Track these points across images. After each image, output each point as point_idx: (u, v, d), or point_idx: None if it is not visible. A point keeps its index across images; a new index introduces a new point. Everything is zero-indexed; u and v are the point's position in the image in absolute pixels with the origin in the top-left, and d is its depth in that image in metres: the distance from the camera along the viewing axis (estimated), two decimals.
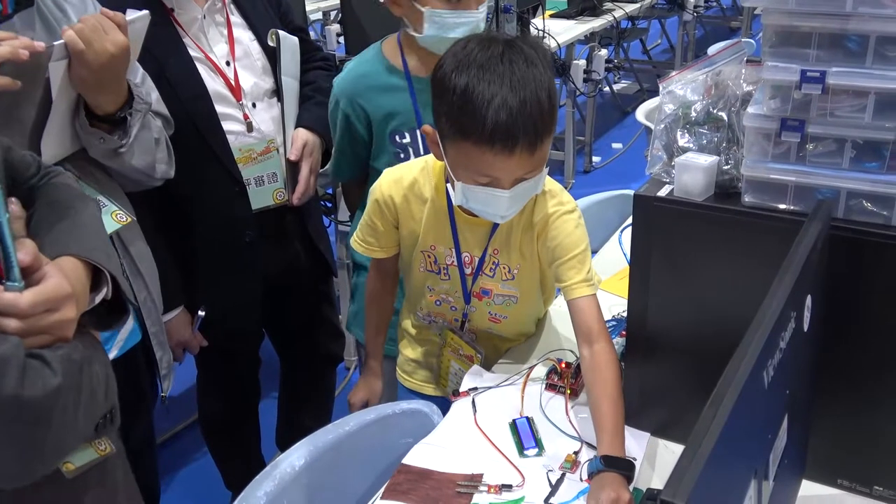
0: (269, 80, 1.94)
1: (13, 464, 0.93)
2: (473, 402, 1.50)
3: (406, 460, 1.37)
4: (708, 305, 1.27)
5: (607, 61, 4.47)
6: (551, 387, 1.53)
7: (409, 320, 1.74)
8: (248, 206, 1.93)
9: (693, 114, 1.29)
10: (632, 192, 1.28)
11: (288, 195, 1.97)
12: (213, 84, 1.84)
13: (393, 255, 1.65)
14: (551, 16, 4.61)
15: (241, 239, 1.95)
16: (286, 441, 1.34)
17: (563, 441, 1.40)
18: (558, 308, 1.81)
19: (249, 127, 1.89)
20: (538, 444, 1.39)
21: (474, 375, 1.57)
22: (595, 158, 5.27)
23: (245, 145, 1.89)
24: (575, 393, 1.51)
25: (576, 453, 1.36)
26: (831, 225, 1.13)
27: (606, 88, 6.02)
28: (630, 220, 1.31)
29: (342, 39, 3.50)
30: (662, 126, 1.32)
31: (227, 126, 1.86)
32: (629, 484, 1.25)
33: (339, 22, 3.79)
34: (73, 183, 1.23)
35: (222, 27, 1.87)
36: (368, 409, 1.48)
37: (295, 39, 1.96)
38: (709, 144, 1.26)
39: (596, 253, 2.07)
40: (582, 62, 4.34)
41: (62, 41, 1.38)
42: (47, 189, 1.16)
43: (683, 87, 1.32)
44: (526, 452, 1.38)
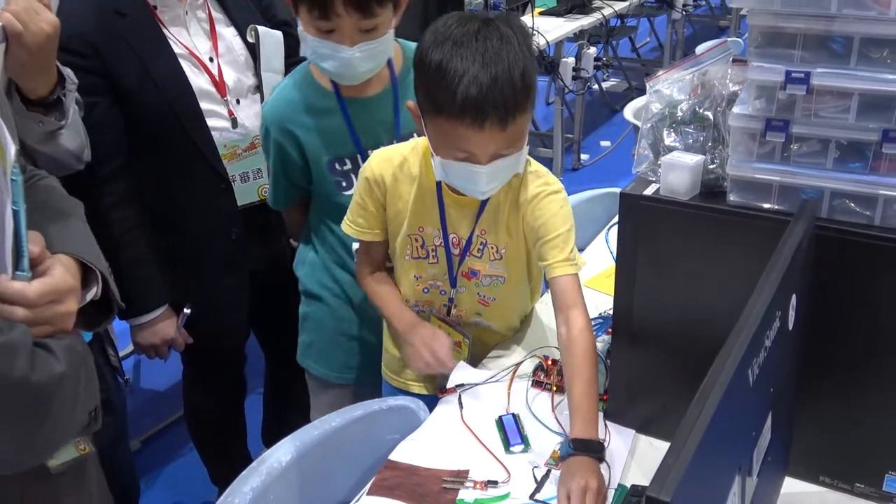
0: (251, 76, 1.94)
1: (12, 449, 0.96)
2: (460, 398, 1.50)
3: (392, 456, 1.37)
4: (693, 303, 1.28)
5: (596, 59, 4.49)
6: (537, 384, 1.54)
7: None
8: (234, 202, 1.93)
9: (679, 113, 1.30)
10: (619, 191, 1.29)
11: None
12: (197, 80, 1.83)
13: (382, 242, 1.64)
14: (540, 13, 4.62)
15: (228, 235, 1.94)
16: (272, 437, 1.35)
17: (548, 437, 1.41)
18: (545, 306, 1.82)
19: (234, 123, 1.88)
20: (524, 440, 1.40)
21: (461, 373, 1.58)
22: (583, 156, 5.29)
23: (230, 141, 1.89)
24: (561, 390, 1.51)
25: (565, 442, 1.36)
26: (816, 224, 1.14)
27: (595, 86, 6.03)
28: (617, 219, 1.32)
29: None
30: (649, 125, 1.33)
31: (211, 122, 1.86)
32: (600, 464, 1.27)
33: None
34: (59, 185, 1.25)
35: (204, 23, 1.87)
36: (355, 405, 1.48)
37: (278, 34, 1.95)
38: (695, 144, 1.27)
39: (583, 251, 2.08)
40: (571, 60, 4.35)
41: (0, 24, 1.36)
42: (35, 191, 1.18)
43: (670, 87, 1.33)
44: (512, 449, 1.38)
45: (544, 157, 4.93)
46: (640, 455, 1.38)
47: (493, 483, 1.31)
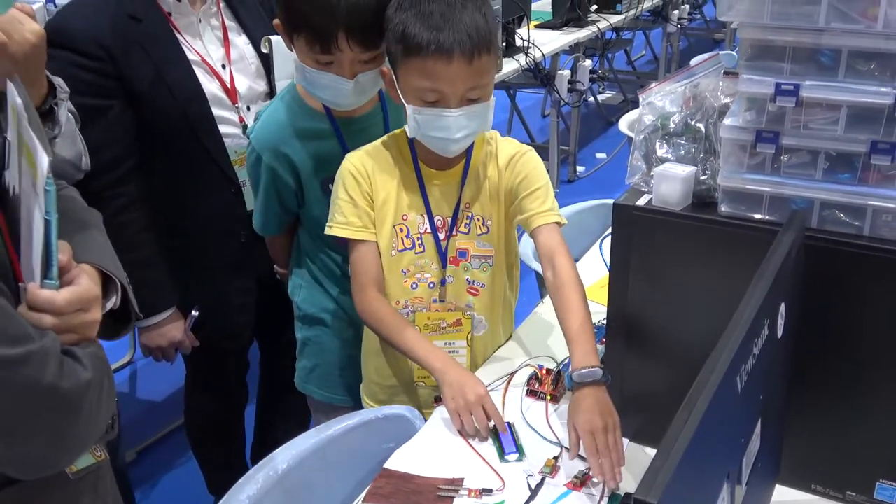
0: (262, 84, 1.96)
1: (43, 452, 0.98)
2: None
3: (388, 465, 1.38)
4: (686, 312, 1.29)
5: (592, 72, 4.51)
6: (532, 393, 1.55)
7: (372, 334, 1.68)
8: (244, 206, 1.94)
9: (672, 125, 1.31)
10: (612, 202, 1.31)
11: None
12: (209, 87, 1.85)
13: (376, 243, 1.59)
14: (536, 26, 4.64)
15: (237, 239, 1.96)
16: (261, 454, 1.36)
17: (543, 446, 1.42)
18: (541, 315, 1.83)
19: (245, 129, 1.90)
20: (519, 449, 1.41)
21: None
22: (579, 168, 5.30)
23: (241, 147, 1.90)
24: (555, 399, 1.52)
25: (556, 458, 1.37)
26: (806, 235, 1.15)
27: (591, 99, 6.06)
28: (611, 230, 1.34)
29: None
30: (642, 136, 1.34)
31: (223, 129, 1.88)
32: (606, 385, 1.35)
33: None
34: (78, 196, 1.27)
35: (218, 31, 1.90)
36: (350, 414, 1.49)
37: None
38: (687, 155, 1.29)
39: (577, 261, 2.09)
40: (566, 72, 4.37)
41: None
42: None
43: (663, 99, 1.35)
44: (506, 457, 1.39)
45: None
46: (634, 464, 1.38)
47: (488, 491, 1.31)
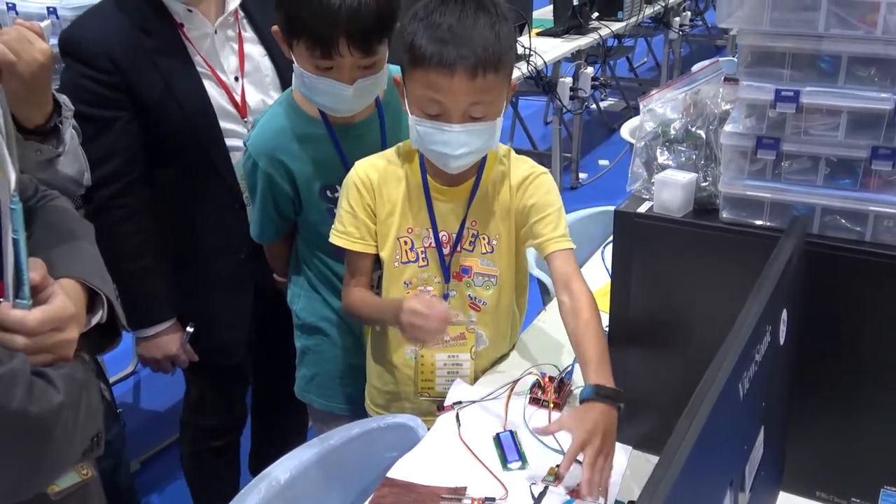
0: (277, 96, 1.92)
1: (14, 477, 0.95)
2: (458, 416, 1.51)
3: (391, 474, 1.38)
4: (687, 319, 1.29)
5: (594, 79, 4.51)
6: (535, 401, 1.54)
7: (379, 342, 1.70)
8: (246, 222, 1.91)
9: (672, 132, 1.31)
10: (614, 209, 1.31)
11: None
12: (219, 100, 1.84)
13: (370, 256, 1.61)
14: (538, 34, 4.65)
15: (237, 255, 1.94)
16: (260, 467, 1.35)
17: (546, 455, 1.41)
18: (543, 323, 1.83)
19: None
20: (521, 457, 1.40)
21: (458, 390, 1.58)
22: (582, 175, 5.31)
23: None
24: (558, 407, 1.52)
25: (558, 466, 1.37)
26: (807, 241, 1.15)
27: (593, 106, 6.06)
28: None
29: None
30: (643, 143, 1.34)
31: (230, 142, 1.86)
32: (618, 413, 1.31)
33: None
34: (70, 206, 1.25)
35: (233, 42, 1.87)
36: (352, 423, 1.49)
37: None
38: (687, 162, 1.29)
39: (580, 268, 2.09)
40: (568, 80, 4.38)
41: None
42: (45, 212, 1.18)
43: (663, 106, 1.35)
44: (509, 466, 1.39)
45: None
46: (638, 471, 1.38)
47: (491, 500, 1.31)
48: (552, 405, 1.52)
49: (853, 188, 1.14)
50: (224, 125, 1.85)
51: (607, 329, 1.40)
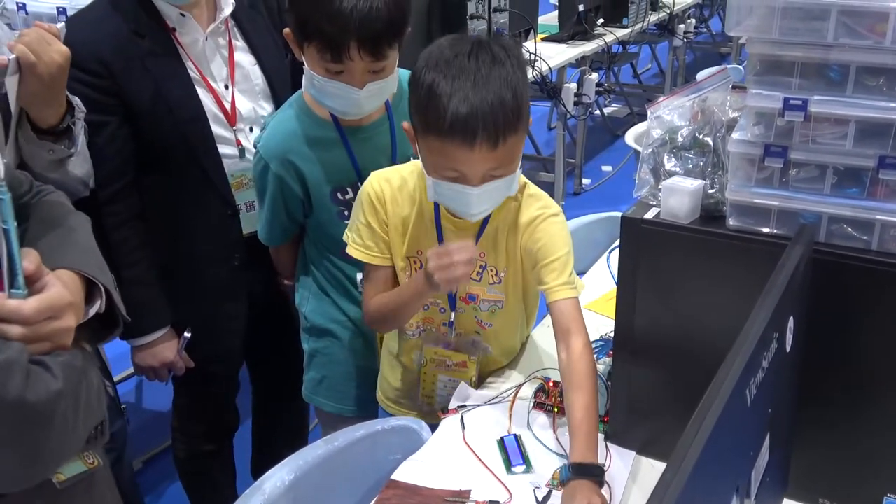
0: (267, 106, 1.92)
1: (15, 466, 0.96)
2: (462, 419, 1.52)
3: (395, 476, 1.38)
4: (693, 326, 1.29)
5: (598, 85, 4.51)
6: (539, 405, 1.55)
7: (392, 340, 1.72)
8: (240, 229, 1.92)
9: (680, 138, 1.32)
10: (620, 215, 1.31)
11: None
12: (209, 106, 1.83)
13: (390, 268, 1.61)
14: (543, 39, 4.66)
15: (230, 262, 1.94)
16: (262, 470, 1.35)
17: (550, 458, 1.42)
18: (548, 328, 1.83)
19: (242, 153, 1.87)
20: (525, 461, 1.41)
21: (463, 393, 1.59)
22: (585, 181, 5.31)
23: (237, 170, 1.88)
24: (562, 411, 1.52)
25: (565, 466, 1.37)
26: (814, 249, 1.16)
27: (597, 112, 6.07)
28: (618, 242, 1.34)
29: None
30: (650, 150, 1.35)
31: (221, 150, 1.85)
32: (601, 488, 1.27)
33: None
34: (65, 200, 1.26)
35: (224, 50, 1.86)
36: (357, 425, 1.49)
37: None
38: (695, 169, 1.29)
39: (584, 274, 2.10)
40: (573, 85, 4.38)
41: (14, 56, 1.37)
42: (40, 206, 1.19)
43: (671, 113, 1.35)
44: (513, 469, 1.39)
45: (546, 182, 4.96)
46: (641, 477, 1.38)
47: (495, 503, 1.31)
48: (556, 409, 1.52)
49: (860, 197, 1.15)
50: (215, 131, 1.83)
51: (612, 335, 1.41)
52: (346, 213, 1.72)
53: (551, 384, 1.57)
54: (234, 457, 2.35)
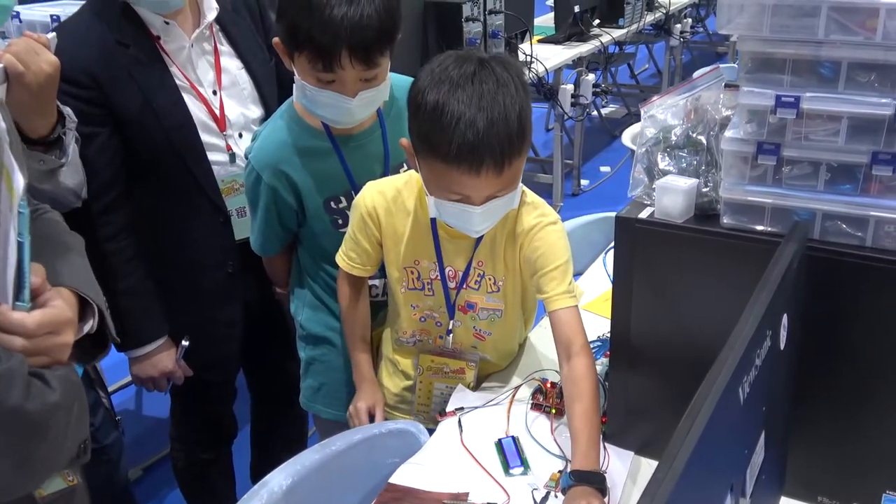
0: (256, 110, 1.91)
1: (8, 476, 0.96)
2: (459, 421, 1.51)
3: (393, 479, 1.38)
4: (690, 324, 1.29)
5: (595, 86, 4.52)
6: (537, 406, 1.54)
7: (389, 345, 1.72)
8: (232, 236, 1.91)
9: (673, 137, 1.32)
10: (615, 215, 1.31)
11: None
12: (198, 114, 1.81)
13: (363, 279, 1.66)
14: (539, 41, 4.67)
15: (224, 269, 1.92)
16: (261, 476, 1.34)
17: (548, 460, 1.41)
18: (545, 329, 1.83)
19: (233, 158, 1.86)
20: (524, 463, 1.40)
21: (460, 395, 1.59)
22: (583, 181, 5.31)
23: (228, 176, 1.87)
24: (560, 413, 1.52)
25: (561, 472, 1.37)
26: (808, 246, 1.15)
27: (594, 112, 6.07)
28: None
29: None
30: (644, 149, 1.34)
31: (211, 156, 1.84)
32: (603, 496, 1.27)
33: None
34: (61, 220, 1.27)
35: (210, 55, 1.85)
36: (355, 428, 1.49)
37: None
38: (688, 167, 1.29)
39: (581, 274, 2.10)
40: (570, 87, 4.38)
41: (2, 65, 1.37)
42: (39, 224, 1.20)
43: (664, 112, 1.35)
44: (511, 471, 1.39)
45: (544, 183, 4.96)
46: (640, 477, 1.38)
47: None
48: (554, 411, 1.52)
49: (854, 193, 1.14)
50: (204, 139, 1.82)
51: (608, 335, 1.41)
52: (339, 222, 1.72)
53: (549, 385, 1.57)
54: (234, 464, 2.35)
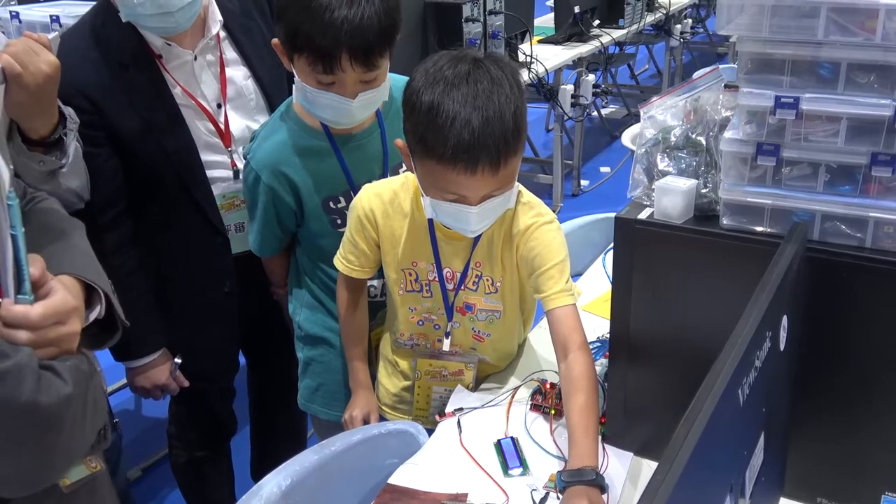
0: (263, 120, 1.86)
1: (28, 469, 0.97)
2: (459, 422, 1.51)
3: (392, 480, 1.38)
4: (688, 326, 1.29)
5: (595, 86, 4.52)
6: (536, 407, 1.54)
7: (388, 346, 1.73)
8: (229, 256, 1.89)
9: (673, 138, 1.32)
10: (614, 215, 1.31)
11: None
12: (200, 133, 1.79)
13: (363, 282, 1.67)
14: (539, 41, 4.67)
15: (220, 289, 1.92)
16: (261, 475, 1.34)
17: (547, 461, 1.41)
18: (544, 330, 1.83)
19: (236, 174, 1.85)
20: (523, 463, 1.40)
21: (460, 396, 1.59)
22: (583, 182, 5.31)
23: (229, 192, 1.86)
24: (559, 413, 1.52)
25: (561, 472, 1.37)
26: (808, 247, 1.15)
27: (595, 113, 6.07)
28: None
29: None
30: (643, 150, 1.34)
31: (213, 173, 1.82)
32: (602, 492, 1.27)
33: None
34: (59, 207, 1.26)
35: (214, 67, 1.82)
36: (354, 429, 1.49)
37: None
38: (688, 168, 1.29)
39: (581, 275, 2.09)
40: (570, 87, 4.38)
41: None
42: (36, 213, 1.20)
43: (664, 113, 1.35)
44: (510, 472, 1.39)
45: (544, 184, 4.96)
46: (639, 478, 1.38)
47: None
48: (553, 412, 1.52)
49: (853, 194, 1.14)
50: (207, 158, 1.80)
51: (607, 336, 1.40)
52: (338, 222, 1.72)
53: (548, 386, 1.57)
54: (235, 463, 2.36)
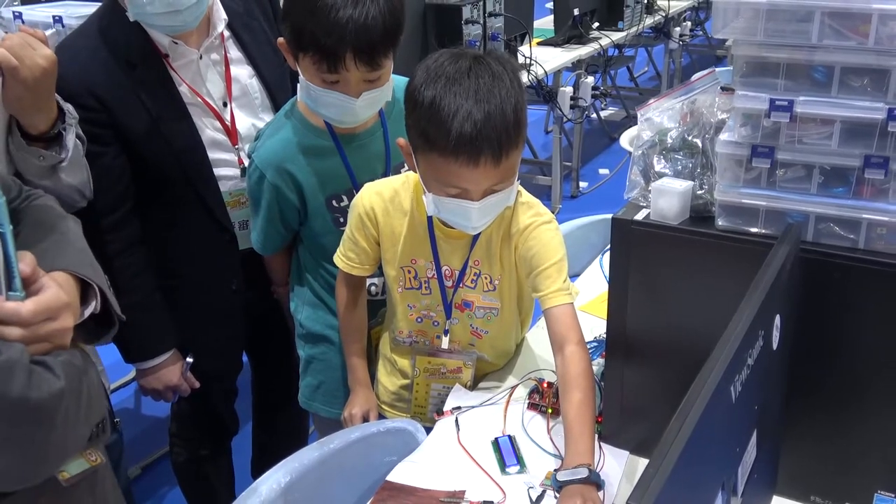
0: (268, 118, 1.88)
1: (20, 464, 0.98)
2: (457, 420, 1.52)
3: (390, 477, 1.39)
4: (685, 325, 1.30)
5: (594, 88, 4.53)
6: (533, 406, 1.55)
7: (387, 345, 1.74)
8: (236, 255, 1.90)
9: (669, 140, 1.33)
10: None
11: None
12: (208, 130, 1.81)
13: (362, 279, 1.68)
14: (538, 44, 4.68)
15: (227, 287, 1.93)
16: (264, 462, 1.35)
17: (544, 459, 1.43)
18: (542, 330, 1.84)
19: (243, 172, 1.84)
20: (520, 461, 1.42)
21: (458, 395, 1.60)
22: (582, 184, 5.32)
23: (237, 189, 1.86)
24: (556, 412, 1.53)
25: (556, 471, 1.38)
26: (801, 248, 1.17)
27: (594, 115, 6.09)
28: None
29: None
30: (640, 152, 1.36)
31: (221, 171, 1.83)
32: (599, 488, 1.28)
33: None
34: (55, 204, 1.27)
35: (220, 65, 1.83)
36: (353, 427, 1.50)
37: None
38: (684, 170, 1.30)
39: (578, 276, 2.11)
40: (569, 89, 4.39)
41: None
42: (31, 210, 1.21)
43: (661, 115, 1.36)
44: (508, 469, 1.40)
45: (543, 185, 4.97)
46: (635, 477, 1.39)
47: (490, 503, 1.32)
48: (550, 410, 1.53)
49: (846, 196, 1.16)
50: (214, 156, 1.81)
51: (604, 336, 1.42)
52: (341, 220, 1.73)
53: (545, 385, 1.58)
54: (235, 461, 2.36)
